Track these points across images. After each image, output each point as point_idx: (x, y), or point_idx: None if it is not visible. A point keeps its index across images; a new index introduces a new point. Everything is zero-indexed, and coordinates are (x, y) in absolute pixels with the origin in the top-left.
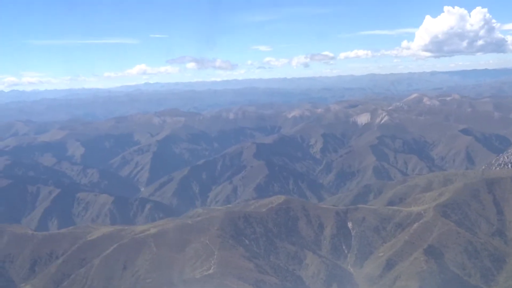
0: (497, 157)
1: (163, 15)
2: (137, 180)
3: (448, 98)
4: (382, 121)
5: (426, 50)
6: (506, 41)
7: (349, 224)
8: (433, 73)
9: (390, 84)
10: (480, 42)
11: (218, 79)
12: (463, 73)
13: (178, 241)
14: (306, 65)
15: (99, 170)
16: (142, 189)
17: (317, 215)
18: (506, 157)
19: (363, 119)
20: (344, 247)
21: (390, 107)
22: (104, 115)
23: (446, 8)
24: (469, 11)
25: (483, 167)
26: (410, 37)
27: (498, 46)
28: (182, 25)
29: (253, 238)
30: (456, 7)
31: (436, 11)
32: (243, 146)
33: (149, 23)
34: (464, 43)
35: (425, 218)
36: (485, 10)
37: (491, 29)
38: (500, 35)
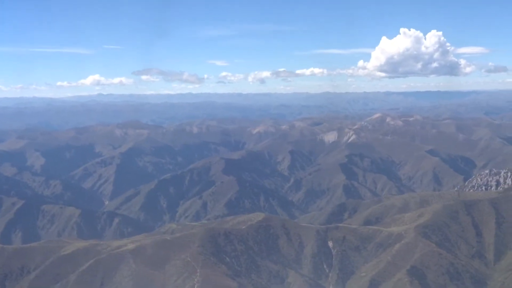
0: (470, 179)
1: (117, 26)
2: (101, 192)
3: (411, 119)
4: (350, 140)
5: (382, 71)
6: (460, 64)
7: (330, 243)
8: (387, 93)
9: (347, 103)
10: (435, 65)
11: (172, 92)
12: (417, 94)
13: (157, 257)
14: (262, 81)
15: (62, 182)
16: (107, 202)
17: (298, 234)
18: (479, 179)
19: (330, 137)
20: (325, 266)
21: (356, 126)
22: (60, 125)
23: (402, 30)
24: (425, 34)
25: (456, 189)
26: (366, 57)
27: (452, 69)
28: (136, 37)
29: (234, 256)
30: (412, 30)
31: (392, 33)
32: (211, 161)
33: (103, 34)
34: (419, 65)
35: (406, 239)
36: (440, 33)
37: (445, 52)
38: (454, 59)
